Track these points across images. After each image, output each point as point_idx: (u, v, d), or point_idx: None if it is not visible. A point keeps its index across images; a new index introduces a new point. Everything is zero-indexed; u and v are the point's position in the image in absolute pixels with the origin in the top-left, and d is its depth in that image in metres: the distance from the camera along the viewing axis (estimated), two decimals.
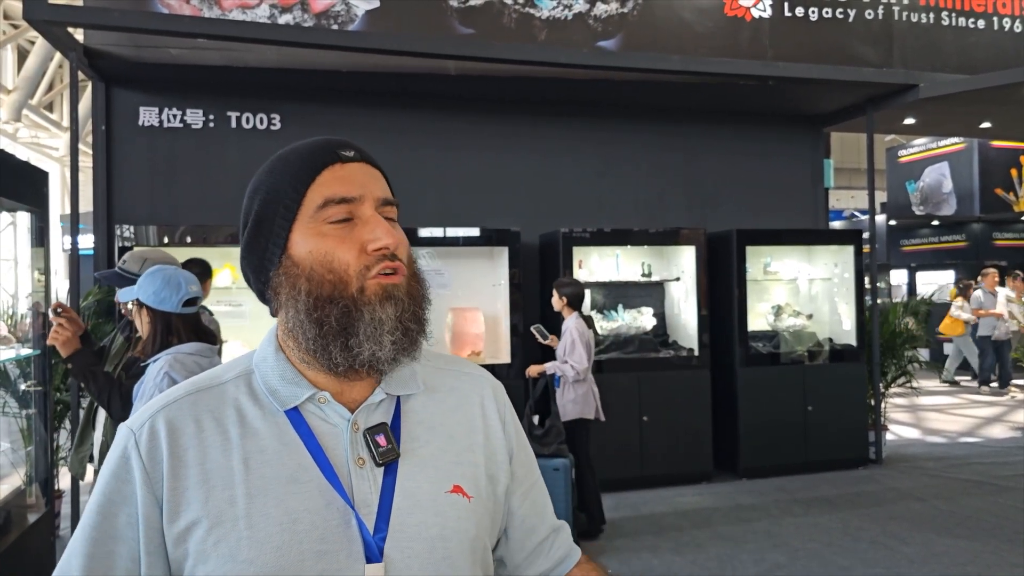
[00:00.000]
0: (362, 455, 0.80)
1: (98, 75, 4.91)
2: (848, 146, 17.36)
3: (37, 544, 3.07)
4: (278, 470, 0.78)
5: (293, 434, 0.80)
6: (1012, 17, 6.23)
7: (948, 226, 14.01)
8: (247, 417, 0.81)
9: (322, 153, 0.82)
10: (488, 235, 5.29)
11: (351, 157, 0.83)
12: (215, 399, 0.82)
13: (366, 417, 0.82)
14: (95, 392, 2.50)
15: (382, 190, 0.84)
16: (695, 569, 3.86)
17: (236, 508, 0.75)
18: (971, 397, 9.43)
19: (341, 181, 0.81)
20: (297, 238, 0.80)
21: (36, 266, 3.25)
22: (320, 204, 0.80)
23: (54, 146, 16.44)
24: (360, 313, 0.78)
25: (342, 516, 0.77)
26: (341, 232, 0.79)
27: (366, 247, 0.79)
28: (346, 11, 4.91)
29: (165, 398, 0.82)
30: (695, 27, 5.47)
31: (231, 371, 0.85)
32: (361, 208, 0.81)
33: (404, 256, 0.82)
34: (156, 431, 0.78)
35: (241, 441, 0.79)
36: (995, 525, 4.44)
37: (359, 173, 0.83)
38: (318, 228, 0.80)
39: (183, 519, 0.75)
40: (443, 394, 0.90)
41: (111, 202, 5.02)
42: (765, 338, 5.91)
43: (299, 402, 0.81)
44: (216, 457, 0.78)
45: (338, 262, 0.79)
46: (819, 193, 6.56)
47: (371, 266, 0.79)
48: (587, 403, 4.32)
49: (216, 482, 0.76)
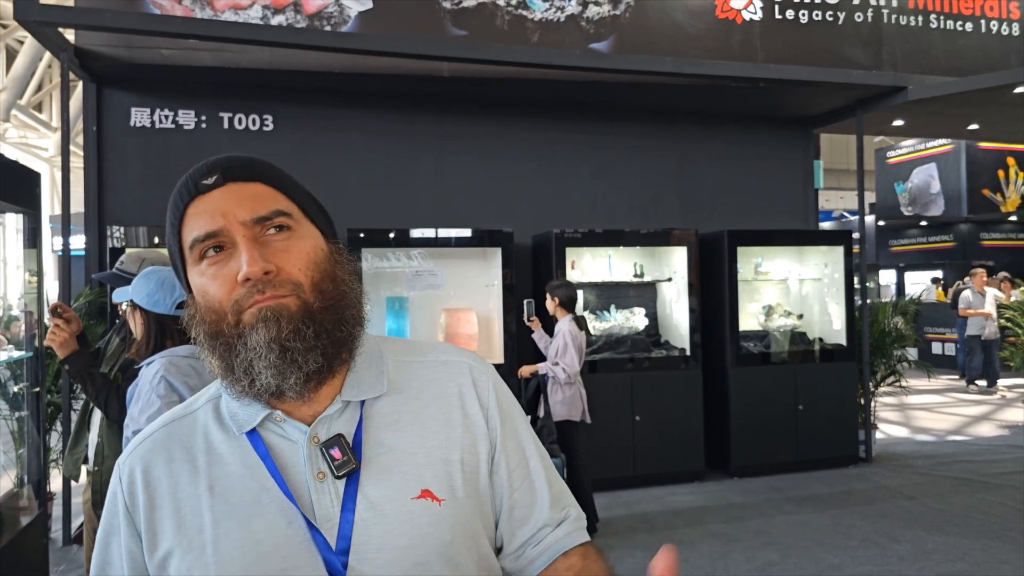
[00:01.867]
0: (322, 469, 0.79)
1: (89, 75, 4.89)
2: (837, 147, 17.49)
3: (29, 547, 3.05)
4: (241, 494, 0.78)
5: (255, 456, 0.80)
6: (999, 20, 6.30)
7: (936, 226, 14.14)
8: (213, 443, 0.82)
9: (183, 191, 0.80)
10: (481, 236, 5.31)
11: (211, 185, 0.79)
12: (187, 428, 0.84)
13: (326, 428, 0.81)
14: (92, 394, 2.49)
15: (252, 209, 0.78)
16: (687, 567, 3.89)
17: (204, 535, 0.77)
18: (959, 396, 9.52)
19: (201, 216, 0.78)
20: (192, 279, 0.81)
21: (28, 268, 3.24)
22: (189, 246, 0.79)
23: (43, 146, 16.32)
24: (235, 346, 0.77)
25: (304, 533, 0.76)
26: (215, 268, 0.78)
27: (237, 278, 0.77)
28: (339, 12, 4.91)
29: (143, 434, 0.86)
30: (687, 29, 5.51)
31: (202, 397, 0.87)
32: (231, 236, 0.78)
33: (296, 269, 0.78)
34: (133, 469, 0.82)
35: (208, 468, 0.80)
36: (984, 522, 4.49)
37: (221, 200, 0.78)
38: (199, 269, 0.79)
39: (160, 549, 0.79)
40: (416, 390, 0.86)
41: (102, 203, 5.00)
42: (756, 338, 5.95)
43: (256, 423, 0.81)
44: (185, 487, 0.80)
45: (213, 299, 0.78)
46: (809, 194, 6.61)
47: (242, 299, 0.76)
48: (575, 405, 4.35)
49: (186, 511, 0.79)
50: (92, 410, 2.68)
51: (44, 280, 3.26)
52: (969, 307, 9.86)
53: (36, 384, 3.12)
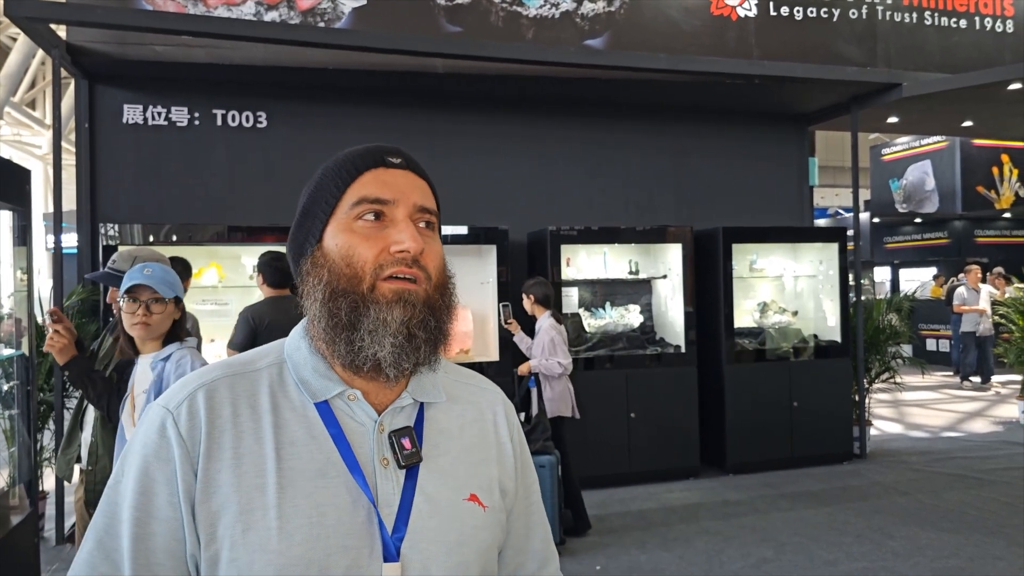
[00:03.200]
0: (387, 456, 0.82)
1: (81, 72, 4.86)
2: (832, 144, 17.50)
3: (21, 546, 3.03)
4: (307, 463, 0.78)
5: (322, 428, 0.81)
6: (993, 17, 6.31)
7: (931, 223, 14.17)
8: (279, 406, 0.81)
9: (368, 156, 0.85)
10: (476, 233, 5.29)
11: (396, 164, 0.86)
12: (250, 384, 0.82)
13: (391, 419, 0.84)
14: (94, 397, 2.49)
15: (421, 198, 0.85)
16: (682, 564, 3.89)
17: (266, 497, 0.76)
18: (953, 392, 9.55)
19: (379, 183, 0.83)
20: (330, 231, 0.83)
21: (19, 265, 3.21)
22: (355, 202, 0.82)
23: (37, 144, 16.25)
24: (367, 310, 0.79)
25: (367, 514, 0.78)
26: (369, 231, 0.82)
27: (388, 248, 0.80)
28: (333, 9, 4.89)
29: (201, 376, 0.82)
30: (681, 26, 5.50)
31: (264, 358, 0.86)
32: (394, 211, 0.82)
33: (431, 265, 0.83)
34: (195, 408, 0.78)
35: (274, 430, 0.79)
36: (977, 518, 4.50)
37: (400, 179, 0.85)
38: (349, 224, 0.82)
39: (214, 500, 0.76)
40: (462, 406, 0.92)
41: (95, 201, 4.97)
42: (751, 335, 5.95)
43: (330, 396, 0.82)
44: (249, 443, 0.78)
45: (357, 257, 0.80)
46: (804, 191, 6.61)
47: (386, 266, 0.80)
48: (564, 400, 4.39)
49: (248, 468, 0.77)
50: (85, 409, 2.67)
51: (34, 278, 3.24)
52: (964, 303, 9.89)
53: (27, 382, 3.10)
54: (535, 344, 4.45)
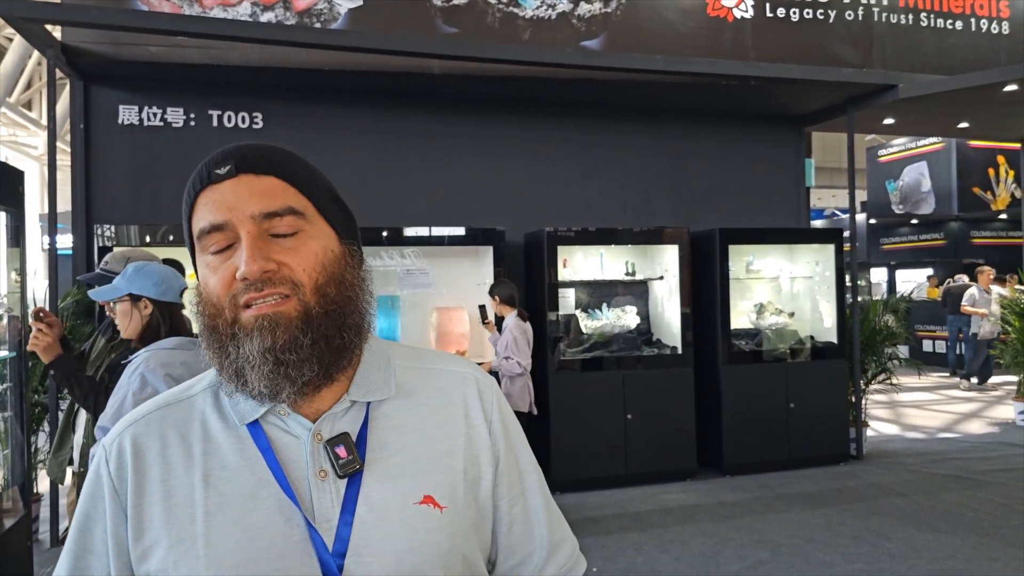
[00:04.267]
0: (324, 467, 0.77)
1: (76, 73, 4.84)
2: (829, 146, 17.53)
3: (14, 548, 3.02)
4: (238, 486, 0.76)
5: (254, 448, 0.78)
6: (989, 18, 6.32)
7: (927, 225, 14.20)
8: (211, 432, 0.79)
9: (196, 179, 0.78)
10: (473, 234, 5.29)
11: (223, 175, 0.76)
12: (183, 413, 0.81)
13: (331, 426, 0.79)
14: (80, 396, 2.47)
15: (262, 202, 0.75)
16: (679, 566, 3.88)
17: (195, 527, 0.74)
18: (949, 393, 9.56)
19: (210, 206, 0.76)
20: (198, 269, 0.79)
21: (12, 266, 3.20)
22: (198, 236, 0.77)
23: (33, 144, 16.22)
24: (227, 349, 0.75)
25: (302, 532, 0.74)
26: (217, 261, 0.76)
27: (236, 275, 0.74)
28: (329, 9, 4.88)
29: (135, 414, 0.82)
30: (678, 27, 5.50)
31: (200, 383, 0.84)
32: (237, 230, 0.75)
33: (301, 269, 0.75)
34: (123, 448, 0.78)
35: (204, 457, 0.77)
36: (974, 520, 4.50)
37: (231, 191, 0.76)
38: (205, 259, 0.77)
39: (146, 538, 0.75)
40: (424, 396, 0.85)
41: (90, 201, 4.95)
42: (748, 336, 5.95)
43: (259, 415, 0.78)
44: (179, 475, 0.77)
45: (212, 293, 0.76)
46: (801, 192, 6.62)
47: (239, 295, 0.74)
48: (522, 397, 4.57)
49: (177, 500, 0.76)
50: (77, 412, 2.65)
51: (28, 279, 3.23)
52: (974, 305, 9.80)
53: (20, 384, 3.08)
54: (499, 343, 4.61)
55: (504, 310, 4.68)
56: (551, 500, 0.94)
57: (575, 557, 0.94)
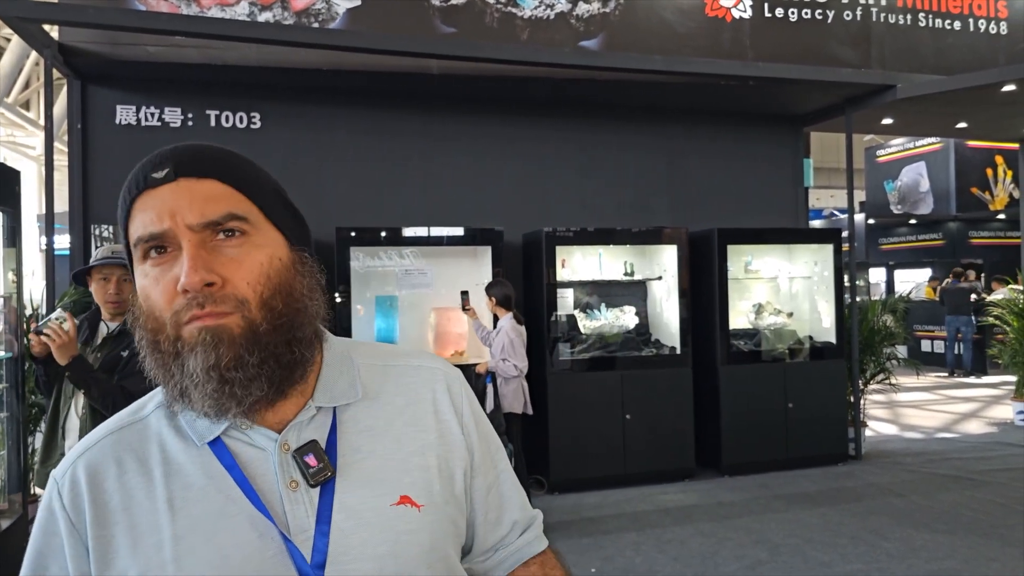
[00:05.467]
0: (295, 477, 0.74)
1: (74, 73, 4.83)
2: (827, 146, 17.55)
3: (10, 550, 3.01)
4: (205, 507, 0.73)
5: (219, 465, 0.74)
6: (987, 19, 6.33)
7: (925, 225, 14.19)
8: (170, 453, 0.75)
9: (132, 183, 0.74)
10: (472, 234, 5.28)
11: (161, 179, 0.72)
12: (137, 436, 0.77)
13: (297, 435, 0.76)
14: (98, 397, 2.43)
15: (204, 208, 0.71)
16: (677, 566, 3.88)
17: (163, 553, 0.71)
18: (948, 393, 9.57)
19: (147, 213, 0.72)
20: (137, 280, 0.75)
21: (8, 267, 3.19)
22: (135, 244, 0.73)
23: (31, 144, 16.19)
24: (171, 367, 0.71)
25: (278, 546, 0.72)
26: (159, 271, 0.72)
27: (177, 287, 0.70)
28: (327, 9, 4.88)
29: (86, 442, 0.78)
30: (676, 27, 5.50)
31: (152, 402, 0.80)
32: (176, 238, 0.71)
33: (243, 282, 0.71)
34: (76, 479, 0.74)
35: (165, 480, 0.74)
36: (972, 519, 4.50)
37: (170, 196, 0.71)
38: (143, 268, 0.73)
39: (113, 569, 0.71)
40: (390, 395, 0.83)
41: (87, 202, 4.94)
42: (746, 336, 5.95)
43: (219, 432, 0.75)
44: (141, 500, 0.73)
45: (154, 307, 0.72)
46: (799, 192, 6.62)
47: (182, 311, 0.70)
48: (517, 397, 4.57)
49: (143, 527, 0.72)
50: (66, 417, 2.58)
51: (24, 279, 3.22)
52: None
53: (17, 385, 3.07)
54: (495, 344, 4.60)
55: (500, 311, 4.67)
56: (517, 482, 0.93)
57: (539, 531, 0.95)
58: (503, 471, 0.91)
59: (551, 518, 4.63)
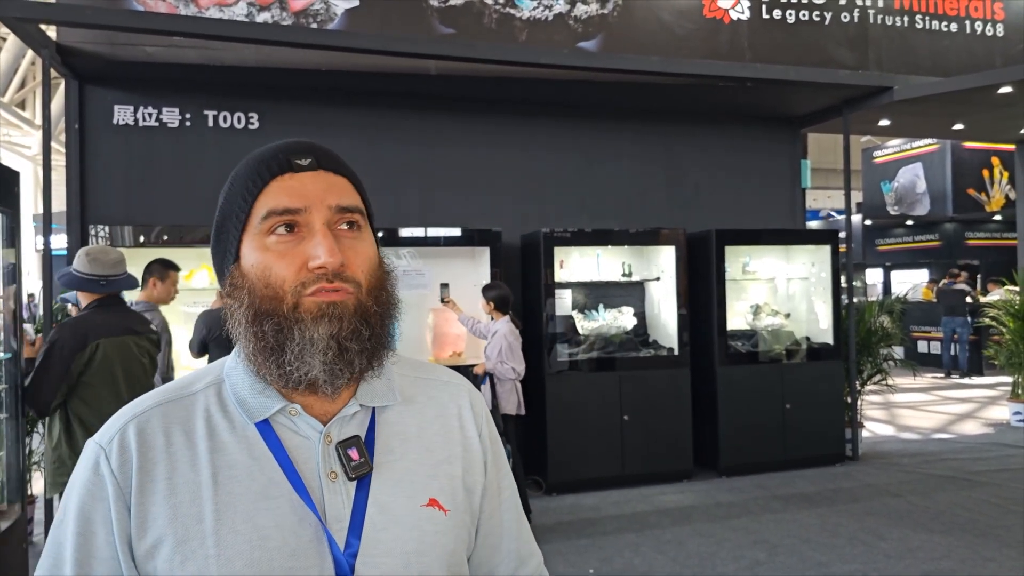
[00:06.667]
0: (335, 469, 0.78)
1: (71, 73, 4.82)
2: (825, 147, 17.58)
3: (9, 551, 3.00)
4: (248, 485, 0.76)
5: (263, 447, 0.78)
6: (984, 21, 6.35)
7: (922, 226, 14.24)
8: (216, 429, 0.78)
9: (273, 161, 0.79)
10: (470, 235, 5.28)
11: (304, 165, 0.79)
12: (185, 410, 0.80)
13: (339, 429, 0.80)
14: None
15: (338, 197, 0.79)
16: (676, 567, 3.89)
17: (204, 525, 0.73)
18: (944, 394, 9.59)
19: (288, 191, 0.78)
20: (245, 250, 0.79)
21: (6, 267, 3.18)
22: (263, 216, 0.77)
23: (27, 144, 16.16)
24: (292, 330, 0.76)
25: (314, 532, 0.75)
26: (283, 246, 0.77)
27: (307, 264, 0.76)
28: (325, 10, 4.87)
29: (135, 407, 0.80)
30: (674, 28, 5.51)
31: (202, 380, 0.83)
32: (309, 219, 0.77)
33: (359, 270, 0.79)
34: (126, 442, 0.76)
35: (210, 455, 0.77)
36: (969, 520, 4.52)
37: (310, 182, 0.79)
38: (262, 241, 0.78)
39: (150, 535, 0.74)
40: (421, 404, 0.88)
41: (84, 202, 4.93)
42: (744, 337, 5.96)
43: (269, 414, 0.79)
44: (184, 472, 0.76)
45: (275, 277, 0.76)
46: (796, 193, 6.63)
47: (308, 283, 0.76)
48: (509, 399, 4.59)
49: (183, 498, 0.75)
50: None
51: (23, 279, 3.21)
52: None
53: (15, 385, 3.07)
54: (491, 346, 4.59)
55: (497, 315, 4.63)
56: (522, 514, 0.97)
57: (540, 571, 0.97)
58: (508, 499, 0.94)
59: (549, 519, 4.63)
